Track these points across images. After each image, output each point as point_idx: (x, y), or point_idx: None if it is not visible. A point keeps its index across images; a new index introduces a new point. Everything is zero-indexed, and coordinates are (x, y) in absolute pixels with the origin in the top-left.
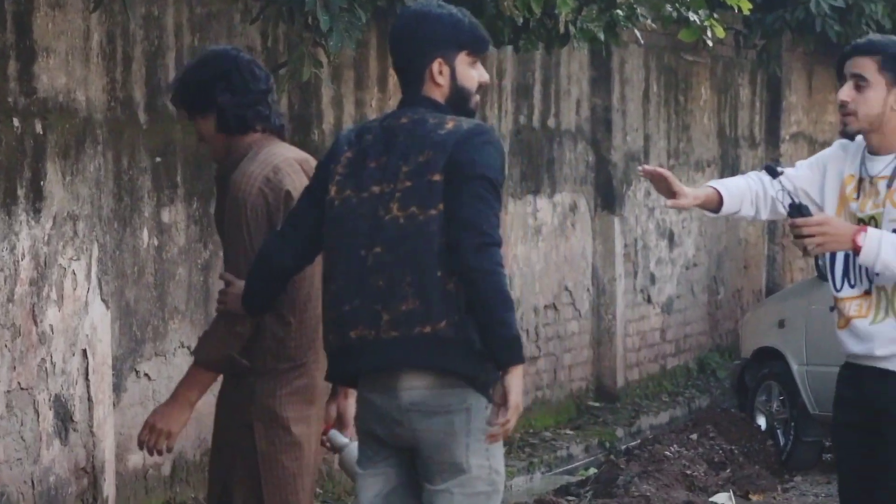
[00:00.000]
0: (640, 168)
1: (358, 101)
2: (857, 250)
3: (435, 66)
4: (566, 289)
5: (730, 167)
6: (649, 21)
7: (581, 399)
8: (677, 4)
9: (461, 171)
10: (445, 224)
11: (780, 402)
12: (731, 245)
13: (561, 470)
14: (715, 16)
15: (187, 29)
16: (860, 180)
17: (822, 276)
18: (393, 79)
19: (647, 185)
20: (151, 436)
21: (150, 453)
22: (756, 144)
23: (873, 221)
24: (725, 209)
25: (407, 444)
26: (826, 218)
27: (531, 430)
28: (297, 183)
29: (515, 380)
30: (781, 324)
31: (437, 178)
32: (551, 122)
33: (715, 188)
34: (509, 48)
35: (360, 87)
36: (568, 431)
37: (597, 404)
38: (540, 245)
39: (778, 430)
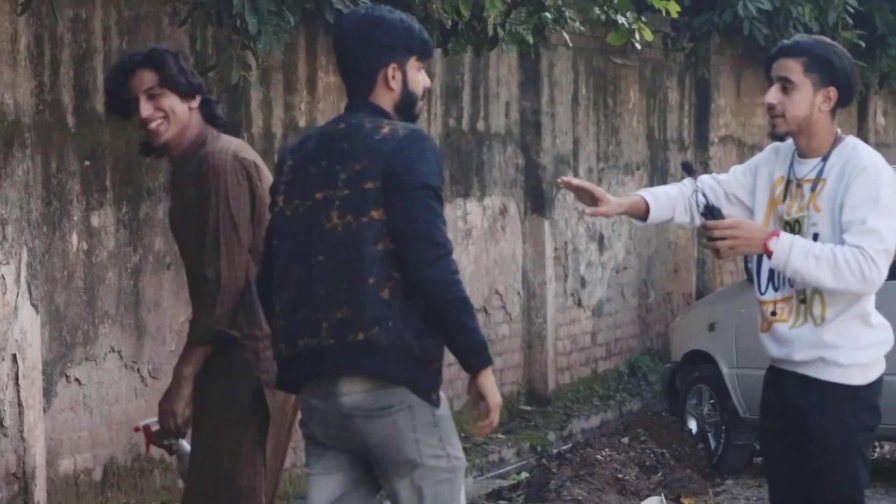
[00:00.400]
0: (560, 180)
1: (287, 105)
2: (768, 255)
3: (389, 71)
4: (497, 292)
5: (659, 170)
6: (578, 24)
7: (512, 403)
8: (605, 7)
9: (402, 181)
10: (381, 231)
11: (710, 405)
12: (662, 248)
13: (493, 474)
14: (643, 19)
15: (115, 32)
16: (788, 182)
17: (751, 280)
18: (322, 81)
19: None
20: (163, 418)
21: (175, 436)
22: (685, 147)
23: (798, 224)
24: (653, 217)
25: (357, 447)
26: (738, 221)
27: (462, 435)
28: (259, 159)
29: (488, 381)
30: (712, 327)
31: (370, 185)
32: (480, 126)
33: (642, 196)
34: (438, 51)
35: (289, 90)
36: (500, 435)
37: (528, 408)
38: (470, 248)
39: (709, 434)
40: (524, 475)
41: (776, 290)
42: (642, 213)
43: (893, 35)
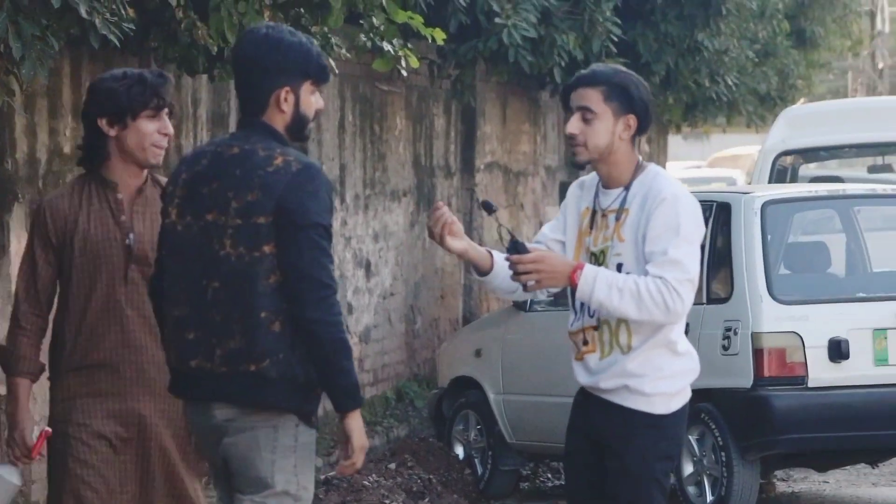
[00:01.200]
0: (438, 204)
1: (52, 130)
2: (573, 288)
3: (282, 94)
4: None
5: (425, 196)
6: (343, 50)
7: None
8: (371, 34)
9: (293, 220)
10: (272, 266)
11: (477, 431)
12: (428, 274)
13: None
14: (409, 45)
15: None
16: (594, 213)
17: (518, 307)
18: None
19: (344, 215)
20: None
21: None
22: (451, 174)
23: (603, 255)
24: (495, 276)
25: (221, 458)
26: (541, 255)
27: None
28: None
29: (355, 423)
30: (478, 353)
31: (262, 220)
32: None
33: (490, 253)
34: (204, 77)
35: (54, 115)
36: None
37: None
38: None
39: (476, 459)
40: None
41: (581, 320)
42: (486, 267)
43: (657, 63)
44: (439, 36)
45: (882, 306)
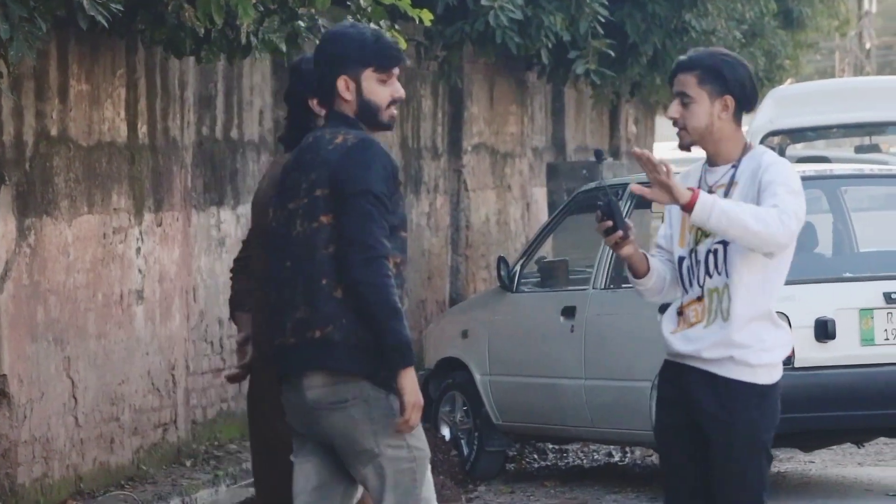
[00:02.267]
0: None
1: (38, 112)
2: (690, 206)
3: (340, 83)
4: None
5: (413, 178)
6: None
7: None
8: (359, 16)
9: (344, 189)
10: (331, 235)
11: (463, 412)
12: (415, 256)
13: (247, 482)
14: (396, 27)
15: None
16: None
17: (504, 287)
18: (74, 89)
19: None
20: None
21: None
22: (439, 155)
23: None
24: (652, 277)
25: (325, 438)
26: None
27: (216, 443)
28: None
29: (407, 380)
30: (465, 334)
31: (319, 192)
32: (234, 134)
33: (646, 255)
34: (191, 59)
35: (41, 97)
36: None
37: None
38: (224, 256)
39: (462, 440)
40: None
41: (690, 291)
42: (643, 270)
43: (644, 44)
44: (426, 17)
45: (868, 286)
